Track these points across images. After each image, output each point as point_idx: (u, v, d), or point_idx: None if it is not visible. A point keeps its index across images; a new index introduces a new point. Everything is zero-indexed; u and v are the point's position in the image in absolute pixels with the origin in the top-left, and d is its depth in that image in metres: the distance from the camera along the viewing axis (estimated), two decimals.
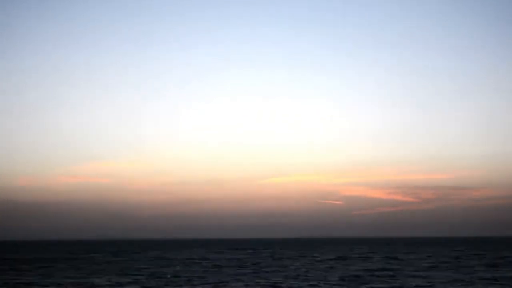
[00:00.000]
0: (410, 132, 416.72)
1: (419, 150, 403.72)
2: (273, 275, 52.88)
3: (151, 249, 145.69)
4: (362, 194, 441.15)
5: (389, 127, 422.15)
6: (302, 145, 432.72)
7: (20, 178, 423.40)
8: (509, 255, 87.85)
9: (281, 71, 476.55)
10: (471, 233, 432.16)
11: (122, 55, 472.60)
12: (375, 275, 52.76)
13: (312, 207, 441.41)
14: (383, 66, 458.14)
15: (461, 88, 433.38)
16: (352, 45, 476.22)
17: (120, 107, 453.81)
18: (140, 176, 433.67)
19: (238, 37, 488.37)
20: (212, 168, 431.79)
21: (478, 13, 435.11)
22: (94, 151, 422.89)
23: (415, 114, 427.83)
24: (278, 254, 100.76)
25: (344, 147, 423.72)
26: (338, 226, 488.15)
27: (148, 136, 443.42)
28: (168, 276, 53.52)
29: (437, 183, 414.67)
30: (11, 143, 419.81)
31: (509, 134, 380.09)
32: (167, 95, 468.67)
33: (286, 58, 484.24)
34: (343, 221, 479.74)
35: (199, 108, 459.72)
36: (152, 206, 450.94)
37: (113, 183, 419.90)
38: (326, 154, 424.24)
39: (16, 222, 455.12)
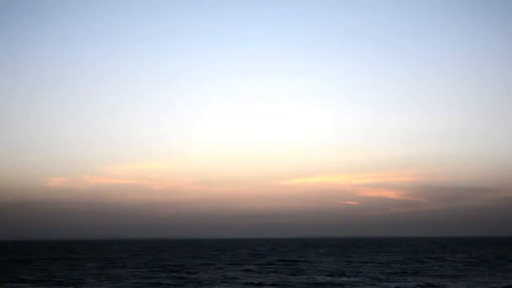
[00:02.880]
0: (425, 134, 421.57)
1: (434, 151, 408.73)
2: None
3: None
4: (378, 195, 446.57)
5: (405, 128, 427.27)
6: (322, 147, 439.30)
7: (48, 179, 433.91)
8: None
9: (303, 74, 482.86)
10: (487, 234, 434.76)
11: (142, 62, 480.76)
12: None
13: (330, 207, 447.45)
14: (402, 67, 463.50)
15: (479, 90, 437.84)
16: (369, 48, 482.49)
17: (143, 111, 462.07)
18: (163, 177, 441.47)
19: (262, 40, 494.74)
20: (235, 168, 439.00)
21: (493, 18, 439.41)
22: (119, 153, 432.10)
23: (433, 116, 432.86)
24: None
25: (362, 148, 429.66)
26: (354, 226, 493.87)
27: (170, 138, 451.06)
28: None
29: (452, 184, 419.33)
30: (39, 145, 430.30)
31: None
32: (188, 98, 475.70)
33: (306, 61, 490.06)
34: (359, 221, 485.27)
35: (221, 110, 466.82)
36: (177, 206, 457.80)
37: (137, 183, 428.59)
38: (344, 155, 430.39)
39: (44, 221, 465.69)
